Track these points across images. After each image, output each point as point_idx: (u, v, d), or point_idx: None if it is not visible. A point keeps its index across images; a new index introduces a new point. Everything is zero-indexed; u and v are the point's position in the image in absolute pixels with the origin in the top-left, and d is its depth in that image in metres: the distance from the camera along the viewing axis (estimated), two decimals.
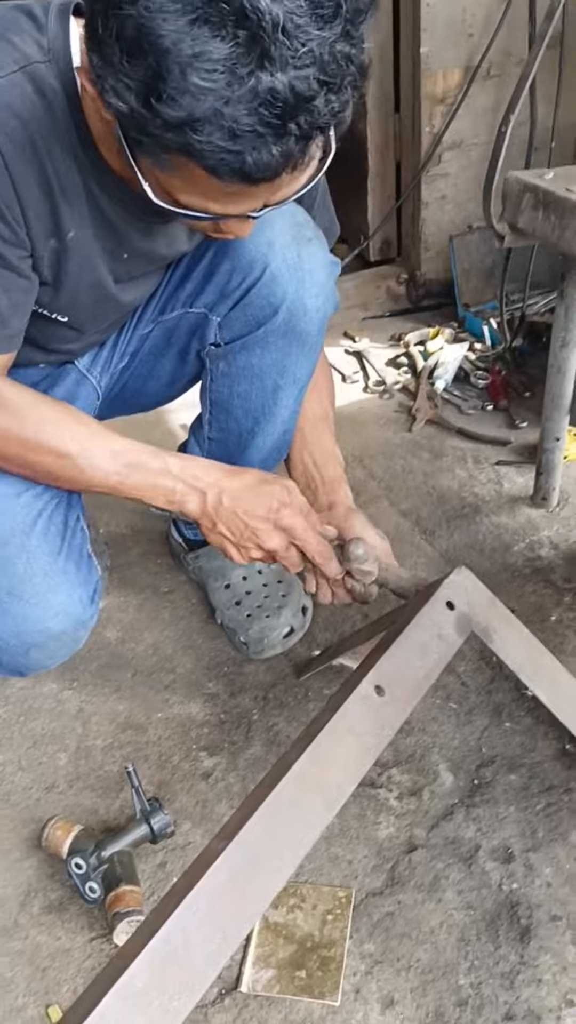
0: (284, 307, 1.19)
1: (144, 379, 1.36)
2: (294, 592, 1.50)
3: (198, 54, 0.69)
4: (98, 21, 0.73)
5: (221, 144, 0.73)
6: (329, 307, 1.24)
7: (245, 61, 0.69)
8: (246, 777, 1.27)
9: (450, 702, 1.35)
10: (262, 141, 0.73)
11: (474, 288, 2.36)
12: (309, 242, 1.18)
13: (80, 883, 1.09)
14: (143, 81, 0.71)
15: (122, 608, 1.59)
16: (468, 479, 1.83)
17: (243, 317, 1.22)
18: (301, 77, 0.70)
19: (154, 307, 1.28)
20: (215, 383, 1.32)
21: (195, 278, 1.23)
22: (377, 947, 1.07)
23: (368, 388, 2.18)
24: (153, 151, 0.78)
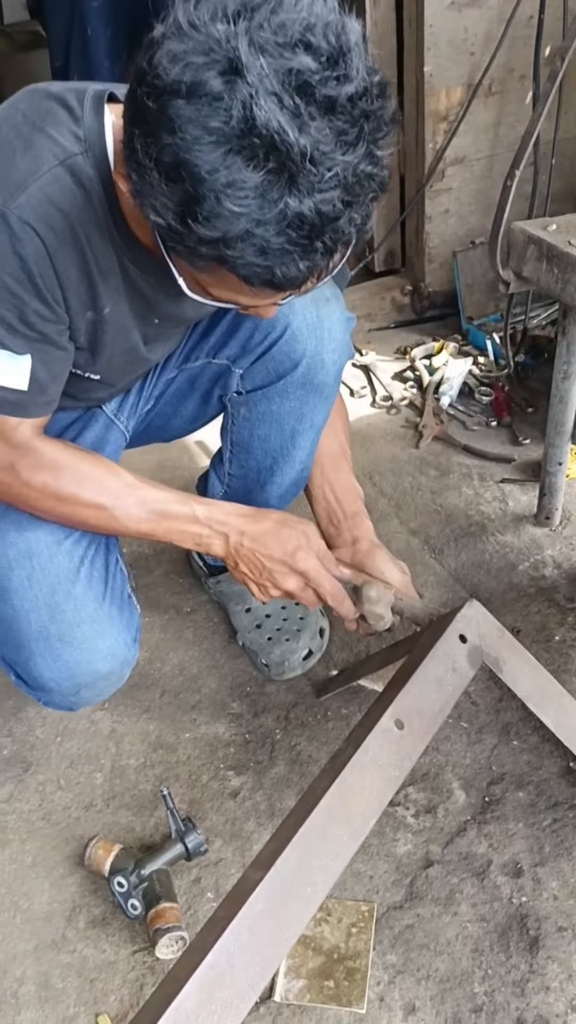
0: (304, 362, 1.27)
1: (168, 417, 1.44)
2: (312, 615, 1.58)
3: (232, 182, 0.75)
4: (137, 145, 0.79)
5: (252, 260, 0.79)
6: (345, 358, 1.32)
7: (275, 188, 0.75)
8: (272, 796, 1.36)
9: (461, 721, 1.43)
10: (290, 258, 0.79)
11: (477, 302, 2.42)
12: (327, 301, 1.25)
13: (123, 901, 1.18)
14: (180, 203, 0.78)
15: (148, 628, 1.67)
16: (474, 497, 1.91)
17: (264, 370, 1.30)
18: (326, 200, 0.76)
19: (179, 355, 1.36)
20: (236, 425, 1.39)
21: (219, 332, 1.31)
22: (399, 958, 1.16)
23: (375, 403, 2.25)
24: (189, 258, 0.85)
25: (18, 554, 1.16)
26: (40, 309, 0.99)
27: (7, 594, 1.17)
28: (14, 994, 1.16)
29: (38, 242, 0.94)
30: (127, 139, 0.81)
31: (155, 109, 0.76)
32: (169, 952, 1.15)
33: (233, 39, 0.73)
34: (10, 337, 1.00)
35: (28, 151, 0.94)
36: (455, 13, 2.19)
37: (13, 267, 0.95)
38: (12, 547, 1.17)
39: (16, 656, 1.20)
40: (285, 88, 0.73)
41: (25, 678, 1.21)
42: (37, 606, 1.16)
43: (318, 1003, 1.12)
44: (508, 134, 2.42)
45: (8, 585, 1.16)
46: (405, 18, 2.27)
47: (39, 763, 1.44)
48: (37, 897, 1.26)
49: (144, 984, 1.15)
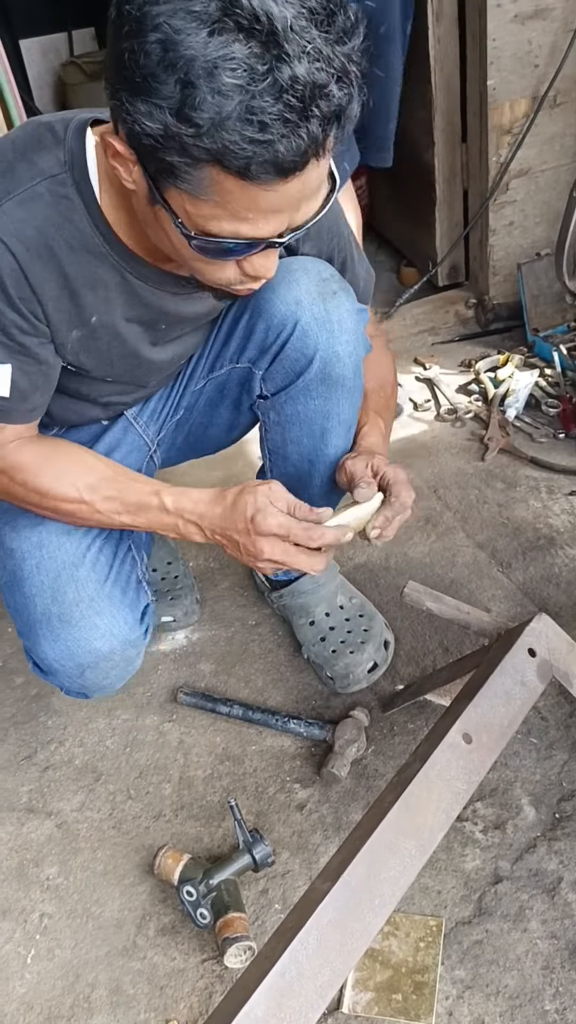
0: (318, 356, 1.28)
1: (204, 427, 1.47)
2: (376, 627, 1.58)
3: (221, 56, 0.77)
4: (125, 59, 0.81)
5: (253, 137, 0.80)
6: (361, 351, 1.32)
7: (264, 57, 0.78)
8: (338, 809, 1.36)
9: (531, 737, 1.41)
10: (290, 127, 0.80)
11: (543, 313, 2.40)
12: (335, 295, 1.26)
13: (192, 910, 1.20)
14: (173, 95, 0.80)
15: (214, 641, 1.69)
16: (542, 510, 1.89)
17: (282, 370, 1.32)
18: (314, 68, 0.79)
19: (204, 364, 1.40)
20: (269, 432, 1.42)
21: (237, 337, 1.34)
22: (467, 973, 1.15)
23: (440, 416, 2.25)
24: (184, 172, 0.85)
25: (31, 545, 1.22)
26: (17, 320, 1.04)
27: (21, 584, 1.23)
28: (86, 998, 1.18)
29: (9, 257, 0.99)
30: (114, 63, 0.83)
31: (137, 16, 0.79)
32: (237, 962, 1.16)
33: None
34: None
35: (7, 174, 1.00)
36: (518, 26, 2.18)
37: None
38: (26, 540, 1.23)
39: (28, 642, 1.25)
40: None
41: (37, 662, 1.26)
42: (42, 590, 1.21)
43: (386, 1016, 1.12)
44: (574, 145, 2.40)
45: (21, 575, 1.22)
46: (468, 33, 2.27)
47: (109, 773, 1.47)
48: (108, 904, 1.29)
49: (213, 992, 1.17)
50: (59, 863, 1.35)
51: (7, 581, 1.26)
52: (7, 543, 1.25)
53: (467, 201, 2.58)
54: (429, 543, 1.83)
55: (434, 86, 2.38)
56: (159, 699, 1.58)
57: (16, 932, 1.27)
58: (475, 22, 2.22)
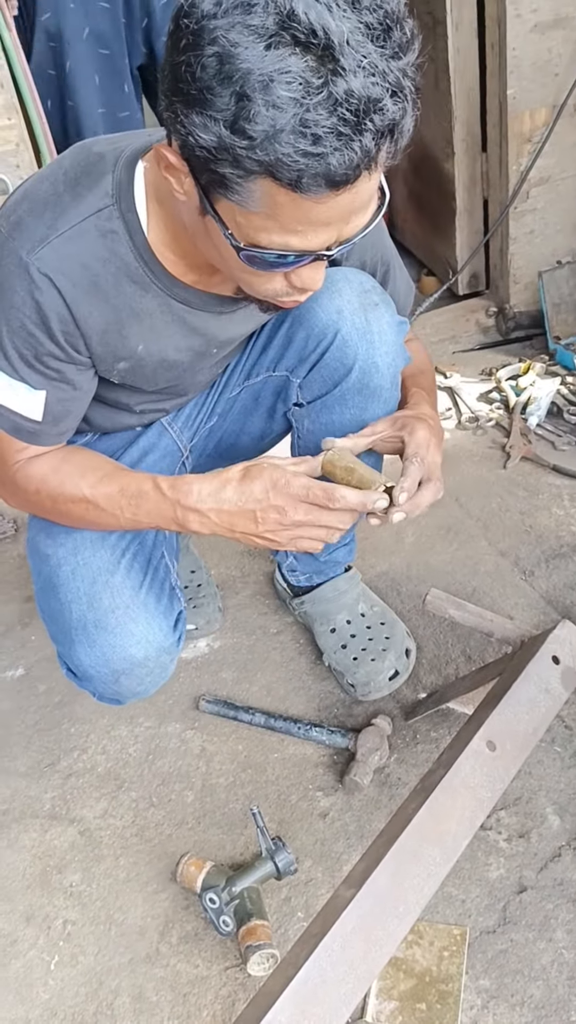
0: (357, 367, 1.29)
1: (236, 435, 1.48)
2: (397, 633, 1.58)
3: (277, 69, 0.78)
4: (181, 72, 0.82)
5: (307, 150, 0.80)
6: (400, 362, 1.33)
7: (320, 71, 0.78)
8: (361, 818, 1.35)
9: (555, 745, 1.40)
10: (343, 141, 0.80)
11: (564, 321, 2.39)
12: (376, 307, 1.27)
13: (215, 917, 1.20)
14: (228, 108, 0.80)
15: (236, 649, 1.70)
16: (565, 517, 1.88)
17: (320, 378, 1.33)
18: (369, 82, 0.79)
19: (240, 372, 1.40)
20: (302, 440, 1.42)
21: (275, 346, 1.35)
22: (492, 983, 1.14)
23: (461, 424, 2.24)
24: (236, 184, 0.86)
25: (66, 551, 1.23)
26: (55, 351, 1.07)
27: (56, 590, 1.23)
28: (109, 1005, 1.19)
29: (54, 292, 1.02)
30: (170, 76, 0.84)
31: (195, 30, 0.80)
32: (260, 969, 1.16)
33: None
34: (28, 371, 1.07)
35: (55, 208, 1.01)
36: (538, 35, 2.19)
37: (30, 311, 1.03)
38: (61, 546, 1.24)
39: (63, 647, 1.25)
40: None
41: (72, 668, 1.27)
42: (78, 596, 1.22)
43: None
44: None
45: (57, 581, 1.23)
46: (487, 42, 2.28)
47: (132, 780, 1.47)
48: (131, 911, 1.29)
49: (236, 1000, 1.16)
50: (82, 870, 1.35)
51: (42, 587, 1.26)
52: (42, 549, 1.26)
53: (487, 210, 2.59)
54: (451, 551, 1.83)
55: (453, 95, 2.39)
56: (181, 707, 1.58)
57: (40, 939, 1.28)
58: (494, 32, 2.22)
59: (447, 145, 2.48)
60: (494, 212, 2.52)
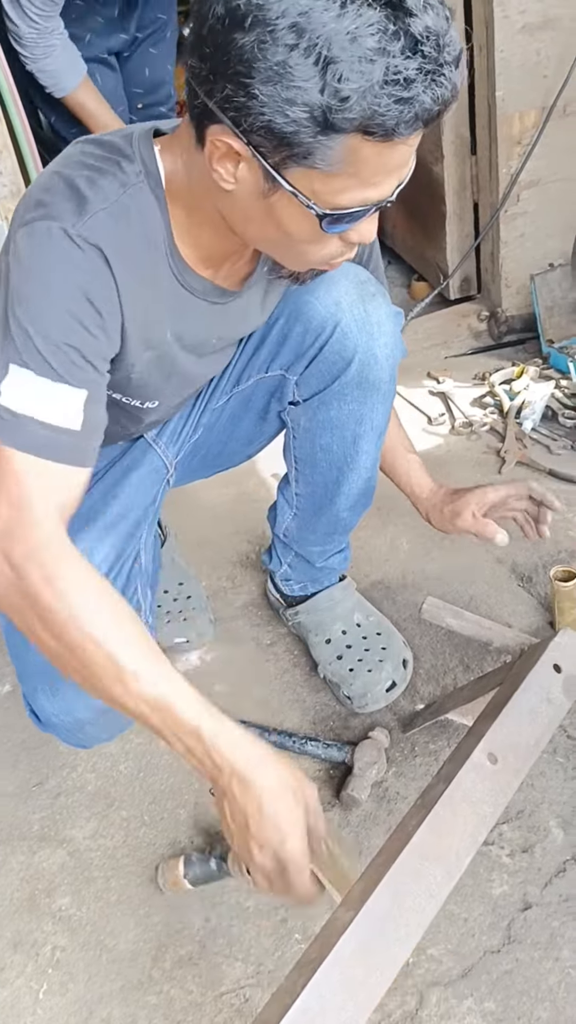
0: (356, 359, 1.26)
1: (223, 443, 1.44)
2: (393, 644, 1.54)
3: (360, 24, 0.78)
4: (254, 51, 0.80)
5: (400, 95, 0.79)
6: (398, 354, 1.31)
7: (394, 17, 0.78)
8: (359, 834, 1.31)
9: (557, 756, 1.37)
10: (430, 77, 0.80)
11: (557, 324, 2.37)
12: (373, 297, 1.25)
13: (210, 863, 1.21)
14: (315, 75, 0.79)
15: (228, 661, 1.66)
16: (563, 522, 1.84)
17: (318, 373, 1.29)
18: (435, 17, 0.80)
19: (228, 380, 1.36)
20: (298, 440, 1.39)
21: (269, 344, 1.31)
22: (498, 1005, 1.10)
23: (454, 429, 2.21)
24: (321, 150, 0.84)
25: None
26: (98, 337, 0.97)
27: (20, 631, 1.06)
28: None
29: (103, 266, 0.95)
30: (237, 66, 0.82)
31: (258, 5, 0.79)
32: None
33: None
34: (69, 367, 0.94)
35: (93, 185, 0.96)
36: (526, 37, 2.17)
37: (74, 289, 0.94)
38: None
39: (26, 689, 1.20)
40: None
41: (35, 711, 1.21)
42: None
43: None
44: None
45: None
46: (475, 44, 2.26)
47: (123, 799, 1.43)
48: (123, 936, 1.24)
49: None
50: (72, 893, 1.31)
51: (7, 626, 1.15)
52: None
53: (478, 213, 2.56)
54: (447, 559, 1.79)
55: None
56: None
57: (28, 966, 1.23)
58: (482, 33, 2.20)
59: (436, 148, 2.46)
60: (484, 215, 2.50)
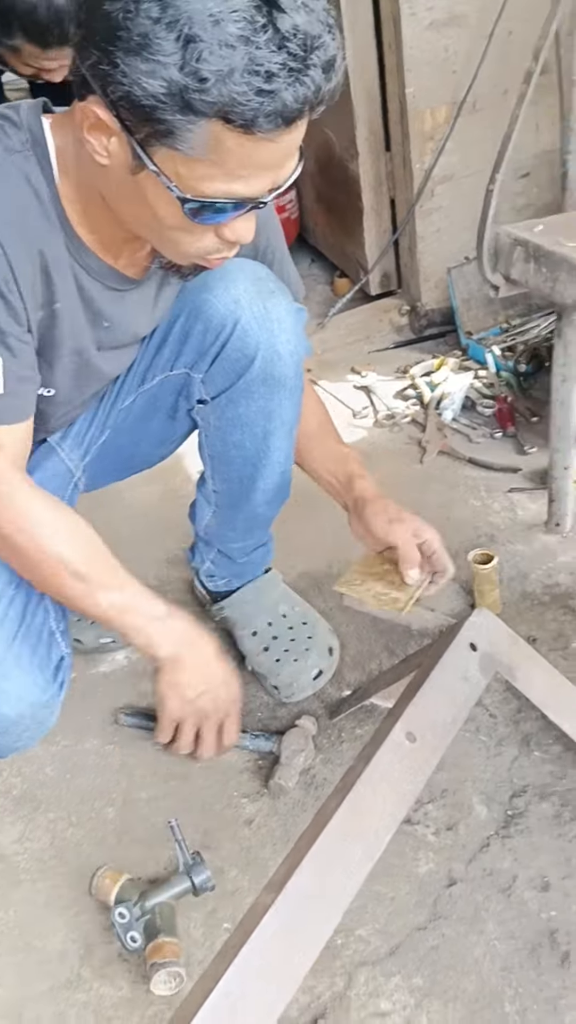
0: (259, 356, 1.26)
1: (135, 444, 1.43)
2: (319, 632, 1.55)
3: (225, 8, 0.79)
4: (119, 20, 0.81)
5: (259, 86, 0.81)
6: (301, 350, 1.31)
7: (263, 9, 0.80)
8: (287, 822, 1.32)
9: (479, 735, 1.39)
10: (294, 75, 0.82)
11: (475, 316, 2.41)
12: (272, 294, 1.26)
13: (122, 932, 1.14)
14: (176, 51, 0.80)
15: None
16: (482, 508, 1.88)
17: (222, 371, 1.30)
18: (308, 19, 0.82)
19: (132, 379, 1.35)
20: (209, 438, 1.39)
21: (171, 343, 1.31)
22: (425, 980, 1.11)
23: (378, 422, 2.24)
24: (183, 131, 0.84)
25: None
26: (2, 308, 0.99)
27: None
28: None
29: None
30: (105, 30, 0.82)
31: None
32: (166, 988, 1.11)
33: None
34: None
35: None
36: (434, 33, 2.21)
37: None
38: None
39: None
40: None
41: None
42: None
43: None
44: (494, 149, 2.41)
45: None
46: (384, 41, 2.29)
47: (49, 801, 1.41)
48: (51, 937, 1.23)
49: (162, 1020, 1.11)
50: None
51: None
52: None
53: (395, 209, 2.60)
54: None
55: (354, 95, 2.40)
56: (99, 722, 1.53)
57: None
58: (390, 30, 2.24)
59: (351, 145, 2.49)
60: (401, 211, 2.54)
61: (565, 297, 1.21)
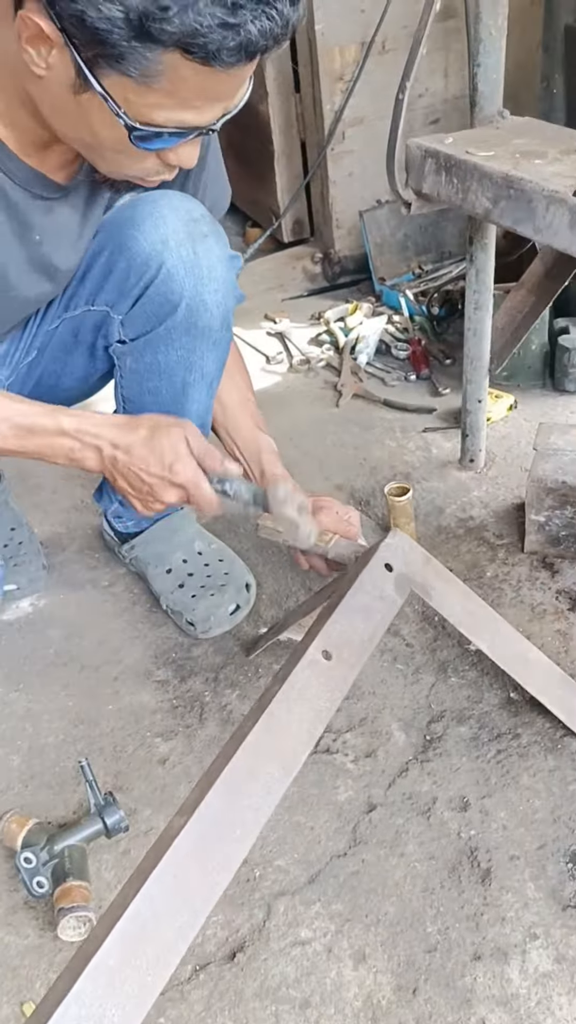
0: (184, 304, 1.20)
1: (58, 376, 1.36)
2: (236, 569, 1.51)
3: None
4: None
5: (224, 19, 0.77)
6: (231, 301, 1.25)
7: None
8: (203, 759, 1.27)
9: (397, 664, 1.37)
10: (261, 8, 0.78)
11: (388, 262, 2.39)
12: (205, 238, 1.18)
13: (28, 878, 1.09)
14: None
15: (63, 606, 1.58)
16: (397, 448, 1.86)
17: (143, 315, 1.23)
18: None
19: (58, 303, 1.28)
20: (125, 380, 1.32)
21: (94, 275, 1.23)
22: (345, 906, 1.08)
23: (293, 367, 2.20)
24: (137, 58, 0.80)
25: None
26: None
27: None
28: None
29: None
30: None
31: None
32: (75, 935, 1.06)
33: None
34: None
35: None
36: None
37: None
38: None
39: None
40: None
41: None
42: None
43: None
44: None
45: None
46: None
47: None
48: None
49: None
50: None
51: None
52: None
53: (305, 154, 2.55)
54: None
55: None
56: (1, 670, 1.45)
57: None
58: None
59: (260, 86, 2.42)
60: (312, 156, 2.48)
61: (476, 207, 1.18)
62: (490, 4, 1.27)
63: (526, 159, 1.19)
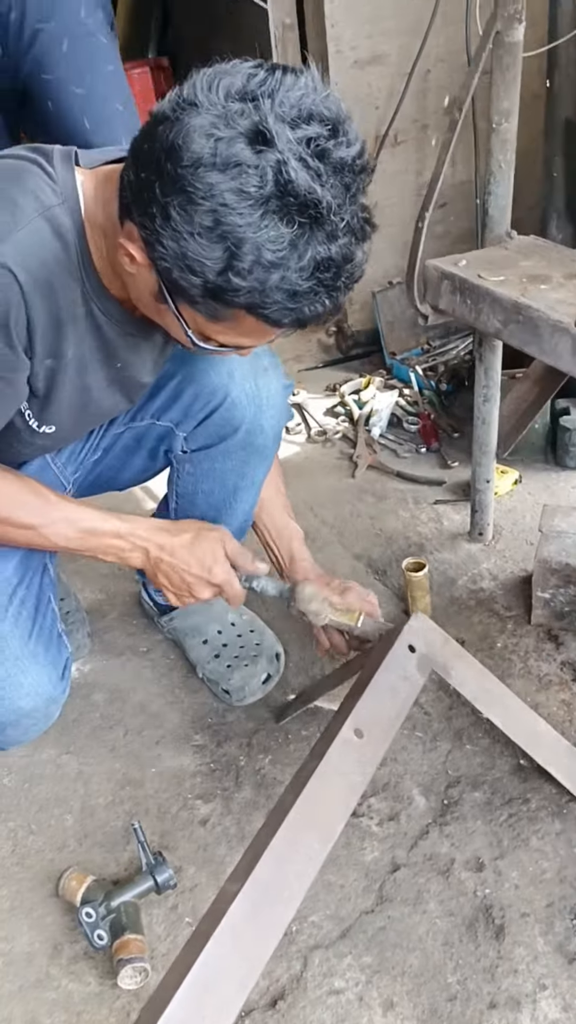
0: (244, 428, 1.37)
1: (118, 471, 1.51)
2: (266, 639, 1.64)
3: (270, 237, 0.85)
4: (172, 210, 0.86)
5: (284, 304, 0.89)
6: (283, 422, 1.43)
7: (304, 239, 0.86)
8: (241, 820, 1.40)
9: (416, 731, 1.50)
10: (318, 298, 0.89)
11: (398, 338, 2.54)
12: (265, 371, 1.35)
13: (89, 931, 1.21)
14: (221, 259, 0.87)
15: (106, 671, 1.71)
16: (411, 519, 2.00)
17: (206, 433, 1.39)
18: (344, 244, 0.88)
19: (127, 413, 1.42)
20: (181, 479, 1.48)
21: (163, 396, 1.38)
22: (374, 958, 1.21)
23: (311, 438, 2.34)
24: (212, 309, 0.93)
25: None
26: (5, 353, 1.04)
27: None
28: None
29: (16, 287, 1.00)
30: (158, 205, 0.88)
31: (189, 178, 0.84)
32: (132, 983, 1.18)
33: (255, 114, 0.83)
34: None
35: (8, 205, 1.00)
36: (358, 71, 2.34)
37: None
38: None
39: None
40: (307, 153, 0.84)
41: None
42: None
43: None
44: (414, 180, 2.58)
45: None
46: None
47: (9, 810, 1.46)
48: (18, 939, 1.28)
49: (131, 1011, 1.18)
50: None
51: None
52: None
53: None
54: None
55: None
56: (54, 732, 1.58)
57: None
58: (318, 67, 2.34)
59: None
60: None
61: (487, 326, 1.33)
62: (500, 142, 1.43)
63: (533, 284, 1.34)
